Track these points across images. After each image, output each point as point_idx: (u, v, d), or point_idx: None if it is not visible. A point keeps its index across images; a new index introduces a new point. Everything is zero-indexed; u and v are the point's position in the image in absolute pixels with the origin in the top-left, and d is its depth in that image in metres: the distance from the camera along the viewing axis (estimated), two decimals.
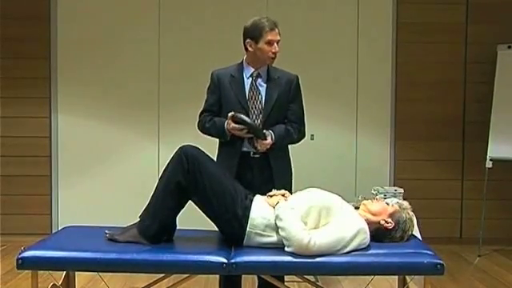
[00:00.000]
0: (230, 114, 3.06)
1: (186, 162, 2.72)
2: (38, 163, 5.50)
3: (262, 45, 3.13)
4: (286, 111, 3.27)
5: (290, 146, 3.38)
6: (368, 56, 5.51)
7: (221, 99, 3.24)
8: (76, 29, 5.47)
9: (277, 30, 3.15)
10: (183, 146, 2.81)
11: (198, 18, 5.47)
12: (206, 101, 3.31)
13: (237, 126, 3.05)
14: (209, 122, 3.23)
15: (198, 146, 2.85)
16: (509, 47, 5.22)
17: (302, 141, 3.37)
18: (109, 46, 5.48)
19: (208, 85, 3.32)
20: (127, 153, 5.51)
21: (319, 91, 5.49)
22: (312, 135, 5.48)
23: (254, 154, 3.16)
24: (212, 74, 3.30)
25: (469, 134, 5.54)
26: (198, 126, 3.30)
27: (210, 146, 3.12)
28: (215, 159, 3.10)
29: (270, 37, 3.12)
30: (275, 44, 3.15)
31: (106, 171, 5.52)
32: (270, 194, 2.82)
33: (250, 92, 3.21)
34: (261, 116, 3.18)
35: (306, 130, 3.36)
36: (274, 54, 3.17)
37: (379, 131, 5.55)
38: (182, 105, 5.44)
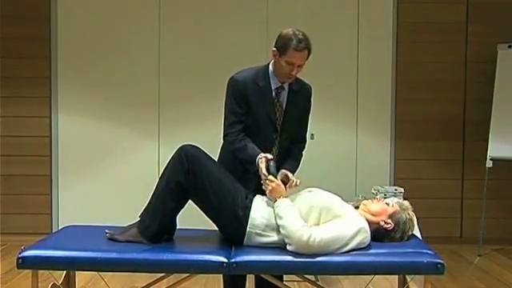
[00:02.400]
0: (269, 157, 2.81)
1: (186, 161, 2.71)
2: (38, 163, 5.49)
3: (282, 61, 2.88)
4: (299, 127, 3.13)
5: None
6: (368, 55, 5.51)
7: (248, 112, 2.95)
8: (76, 28, 5.47)
9: (304, 53, 2.86)
10: (183, 145, 2.80)
11: (198, 18, 5.46)
12: (232, 111, 2.96)
13: (265, 173, 2.77)
14: (239, 143, 2.93)
15: (198, 145, 2.85)
16: (509, 47, 5.21)
17: None
18: (109, 46, 5.48)
19: (229, 91, 2.99)
20: (127, 152, 5.51)
21: (319, 91, 5.42)
22: (312, 135, 5.46)
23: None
24: (236, 81, 2.97)
25: (469, 133, 5.54)
26: (225, 140, 3.01)
27: (211, 146, 3.11)
28: (216, 159, 3.07)
29: (292, 58, 2.85)
30: (295, 66, 2.87)
31: (107, 171, 5.52)
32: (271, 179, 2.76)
33: (276, 104, 3.00)
34: (278, 133, 3.03)
35: (307, 139, 3.25)
36: (291, 76, 2.91)
37: (379, 130, 5.55)
38: (182, 104, 5.44)
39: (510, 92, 5.16)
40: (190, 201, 2.81)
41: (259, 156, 2.84)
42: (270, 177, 2.77)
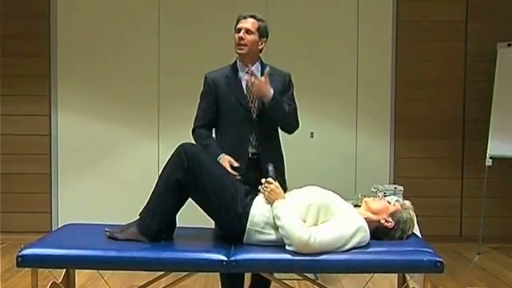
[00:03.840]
0: (234, 164, 3.04)
1: (185, 159, 2.71)
2: (37, 161, 5.50)
3: (235, 33, 3.22)
4: None
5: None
6: (368, 54, 5.50)
7: (217, 102, 3.22)
8: (76, 27, 5.47)
9: (248, 20, 3.23)
10: (183, 143, 2.80)
11: (198, 17, 5.45)
12: (199, 107, 3.30)
13: (233, 172, 2.99)
14: (206, 140, 3.21)
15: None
16: (509, 45, 5.21)
17: (295, 132, 3.36)
18: (109, 44, 5.48)
19: (202, 90, 3.31)
20: (127, 151, 5.51)
21: (319, 89, 5.49)
22: (312, 133, 5.50)
23: (253, 154, 3.19)
24: (206, 78, 3.29)
25: (469, 132, 5.54)
26: (192, 134, 3.31)
27: None
28: None
29: (238, 25, 3.23)
30: (242, 31, 3.19)
31: (106, 169, 5.52)
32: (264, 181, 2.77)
33: (247, 90, 3.21)
34: (256, 111, 3.20)
35: (299, 122, 3.37)
36: (239, 39, 3.19)
37: (379, 129, 5.55)
38: (181, 103, 5.43)
39: (509, 90, 5.16)
40: (189, 199, 2.81)
41: (220, 157, 3.07)
42: (269, 179, 2.77)
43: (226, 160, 3.06)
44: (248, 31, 3.19)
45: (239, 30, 3.20)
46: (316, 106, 5.48)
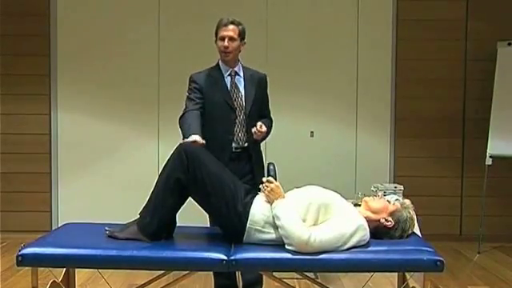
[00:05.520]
0: (199, 140, 2.99)
1: (185, 159, 2.71)
2: (37, 160, 5.50)
3: (218, 40, 3.37)
4: (261, 106, 3.48)
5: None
6: (368, 53, 5.50)
7: (204, 100, 3.36)
8: (76, 26, 5.47)
9: (229, 27, 3.34)
10: (183, 142, 2.81)
11: (198, 17, 5.45)
12: (188, 101, 3.40)
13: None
14: (187, 113, 3.30)
15: None
16: (509, 44, 5.21)
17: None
18: (109, 44, 5.47)
19: (188, 89, 3.45)
20: (127, 150, 5.51)
21: (319, 88, 5.49)
22: (312, 132, 5.50)
23: (236, 148, 3.36)
24: (191, 77, 3.44)
25: (469, 131, 5.54)
26: (179, 119, 3.37)
27: None
28: None
29: (221, 33, 3.35)
30: (226, 39, 3.32)
31: (106, 168, 5.52)
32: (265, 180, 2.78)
33: (231, 89, 3.39)
34: (242, 112, 3.37)
35: (273, 119, 3.59)
36: (224, 48, 3.33)
37: (379, 128, 5.55)
38: (181, 102, 5.35)
39: (509, 89, 5.16)
40: (189, 198, 2.81)
41: (191, 136, 3.01)
42: (269, 178, 2.78)
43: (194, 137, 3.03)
44: (231, 38, 3.33)
45: (223, 38, 3.34)
46: (316, 105, 5.48)
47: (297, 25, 5.47)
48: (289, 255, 2.55)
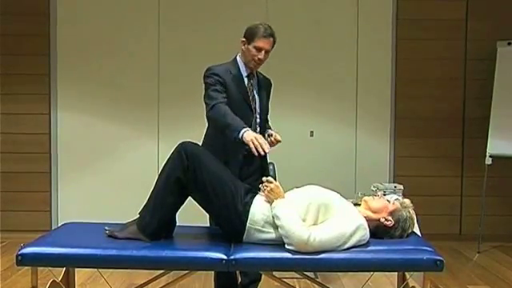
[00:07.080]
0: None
1: (185, 158, 2.71)
2: (37, 160, 5.49)
3: (251, 46, 3.22)
4: (267, 111, 3.46)
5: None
6: (368, 52, 5.50)
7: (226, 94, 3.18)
8: (76, 26, 5.46)
9: (270, 40, 3.24)
10: (183, 142, 2.80)
11: (198, 17, 5.45)
12: (213, 90, 3.14)
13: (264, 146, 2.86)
14: (225, 106, 3.07)
15: (197, 142, 2.84)
16: (509, 44, 5.21)
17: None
18: (108, 44, 5.47)
19: (207, 79, 3.20)
20: (127, 150, 5.51)
21: (319, 88, 5.49)
22: (311, 132, 5.50)
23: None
24: (211, 70, 3.23)
25: (468, 130, 5.54)
26: (210, 110, 3.11)
27: None
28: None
29: (259, 43, 3.21)
30: (263, 52, 3.22)
31: (106, 168, 5.51)
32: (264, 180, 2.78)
33: (249, 90, 3.31)
34: (258, 114, 3.32)
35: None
36: (259, 60, 3.24)
37: (379, 128, 5.55)
38: (181, 102, 5.44)
39: (509, 89, 5.16)
40: (189, 197, 2.81)
41: (245, 130, 2.89)
42: (269, 178, 2.78)
43: (251, 135, 2.90)
44: (267, 52, 3.25)
45: (260, 50, 3.22)
46: (316, 105, 5.48)
47: (297, 25, 5.47)
48: (289, 255, 2.55)
